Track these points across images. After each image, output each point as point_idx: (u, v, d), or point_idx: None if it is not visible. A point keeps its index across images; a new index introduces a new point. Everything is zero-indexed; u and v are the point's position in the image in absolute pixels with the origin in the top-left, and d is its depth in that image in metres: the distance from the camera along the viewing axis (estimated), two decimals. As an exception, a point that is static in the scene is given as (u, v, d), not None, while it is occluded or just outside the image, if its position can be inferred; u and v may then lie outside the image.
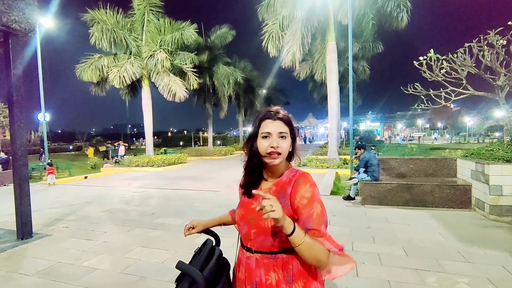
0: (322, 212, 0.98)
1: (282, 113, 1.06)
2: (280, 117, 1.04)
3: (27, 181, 4.33)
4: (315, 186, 1.02)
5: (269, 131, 1.03)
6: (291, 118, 1.10)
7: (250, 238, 1.08)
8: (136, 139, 64.31)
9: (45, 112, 12.97)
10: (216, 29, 20.06)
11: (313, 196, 0.99)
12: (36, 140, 40.13)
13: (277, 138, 1.03)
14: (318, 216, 0.96)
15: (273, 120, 1.04)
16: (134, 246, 3.77)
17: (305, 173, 1.07)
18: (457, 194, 5.18)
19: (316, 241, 0.92)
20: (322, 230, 0.95)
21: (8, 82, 4.12)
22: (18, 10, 3.94)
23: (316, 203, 0.98)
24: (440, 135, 54.57)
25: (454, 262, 3.08)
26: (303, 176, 1.04)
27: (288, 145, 1.05)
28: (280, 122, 1.04)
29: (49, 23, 12.90)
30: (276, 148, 1.01)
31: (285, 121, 1.05)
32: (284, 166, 1.09)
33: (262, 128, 1.04)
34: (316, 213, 0.96)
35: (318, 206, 0.97)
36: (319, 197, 1.00)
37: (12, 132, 4.22)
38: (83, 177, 11.14)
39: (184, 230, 1.35)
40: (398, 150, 14.32)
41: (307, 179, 1.03)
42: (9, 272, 3.13)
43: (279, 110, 1.07)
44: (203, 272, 1.00)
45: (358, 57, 17.85)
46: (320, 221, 0.96)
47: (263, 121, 1.05)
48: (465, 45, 5.66)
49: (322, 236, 0.94)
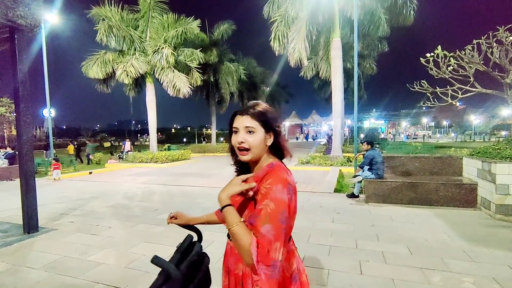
0: (274, 211, 0.88)
1: (254, 107, 1.03)
2: (248, 112, 1.01)
3: (33, 176, 4.38)
4: (278, 183, 0.92)
5: (237, 126, 1.02)
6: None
7: None
8: (140, 135, 64.67)
9: (50, 108, 13.07)
10: (219, 25, 19.99)
11: (268, 192, 0.90)
12: (41, 136, 40.56)
13: (244, 133, 1.00)
14: (266, 214, 0.87)
15: (241, 115, 1.02)
16: (138, 242, 3.80)
17: (277, 167, 0.99)
18: (462, 193, 5.13)
19: (247, 235, 0.86)
20: (261, 230, 0.86)
21: (14, 77, 4.14)
22: (23, 5, 3.94)
23: (268, 200, 0.89)
24: (445, 133, 54.05)
25: (459, 261, 3.05)
26: (272, 171, 0.97)
27: (257, 140, 0.99)
28: (248, 116, 1.00)
29: (54, 19, 12.94)
30: (241, 144, 0.99)
31: (255, 115, 1.00)
32: (264, 161, 1.05)
33: (234, 123, 1.04)
34: (265, 210, 0.88)
35: (271, 204, 0.88)
36: (278, 195, 0.90)
37: (18, 127, 4.25)
38: (87, 173, 11.23)
39: (167, 218, 1.38)
40: (403, 148, 14.22)
41: (274, 174, 0.95)
42: (16, 265, 3.17)
43: (252, 104, 1.05)
44: (180, 266, 0.99)
45: (364, 54, 17.66)
46: (265, 220, 0.87)
47: (234, 117, 1.05)
48: (474, 42, 5.57)
49: (257, 237, 0.86)
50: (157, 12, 14.65)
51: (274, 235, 0.86)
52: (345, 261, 3.12)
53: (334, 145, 12.55)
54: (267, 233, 0.86)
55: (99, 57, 14.29)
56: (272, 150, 1.07)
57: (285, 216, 0.90)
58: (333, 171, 9.70)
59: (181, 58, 15.03)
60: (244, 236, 0.87)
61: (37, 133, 40.46)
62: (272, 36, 12.05)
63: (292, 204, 0.96)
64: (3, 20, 3.82)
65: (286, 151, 1.10)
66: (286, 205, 0.91)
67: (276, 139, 1.05)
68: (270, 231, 0.86)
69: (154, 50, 13.91)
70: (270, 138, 1.04)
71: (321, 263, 3.09)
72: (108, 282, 2.76)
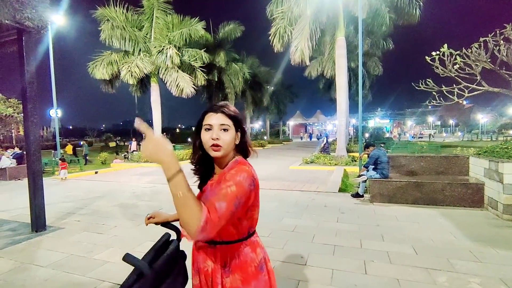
0: (233, 193, 0.91)
1: (226, 107, 1.06)
2: (222, 111, 1.05)
3: (40, 175, 4.44)
4: (243, 172, 0.98)
5: (211, 123, 1.04)
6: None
7: None
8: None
9: (57, 108, 13.23)
10: (224, 25, 20.00)
11: (232, 177, 0.96)
12: (48, 136, 41.08)
13: (218, 130, 1.03)
14: (226, 194, 0.91)
15: (215, 113, 1.05)
16: (143, 240, 3.83)
17: (242, 162, 1.06)
18: (469, 193, 5.07)
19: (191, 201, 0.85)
20: (215, 204, 0.88)
21: (21, 78, 4.21)
22: (31, 7, 4.00)
23: (231, 182, 0.94)
24: (451, 132, 53.41)
25: (466, 262, 3.02)
26: (237, 165, 1.04)
27: (230, 138, 1.04)
28: (222, 115, 1.04)
29: (60, 21, 13.09)
30: (216, 140, 1.02)
31: (228, 114, 1.05)
32: (230, 159, 1.10)
33: (205, 120, 1.06)
34: (225, 190, 0.92)
35: (233, 186, 0.93)
36: (241, 180, 0.95)
37: (26, 127, 4.32)
38: (93, 172, 11.35)
39: (145, 219, 1.40)
40: (408, 147, 14.09)
41: (239, 166, 1.02)
42: (25, 263, 3.23)
43: (224, 104, 1.08)
44: (154, 264, 1.00)
45: (369, 53, 17.53)
46: (222, 198, 0.89)
47: (206, 114, 1.07)
48: (480, 39, 5.49)
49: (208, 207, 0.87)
50: (161, 13, 14.73)
51: (223, 213, 0.88)
52: (350, 261, 3.12)
53: (339, 144, 12.51)
54: (219, 208, 0.88)
55: (105, 58, 14.43)
56: (237, 148, 1.12)
57: (240, 201, 0.94)
58: (338, 170, 9.66)
59: (185, 58, 15.10)
60: (196, 201, 0.86)
61: (44, 133, 41.01)
62: (272, 32, 12.01)
63: (251, 195, 1.00)
64: (11, 22, 3.89)
65: (250, 150, 1.16)
66: (245, 192, 0.96)
67: (243, 138, 1.11)
68: (223, 208, 0.88)
69: (159, 50, 14.00)
70: (238, 137, 1.09)
71: (326, 262, 3.09)
72: (114, 280, 2.79)
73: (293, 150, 22.38)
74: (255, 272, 1.06)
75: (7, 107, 12.97)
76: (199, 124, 1.08)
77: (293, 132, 53.48)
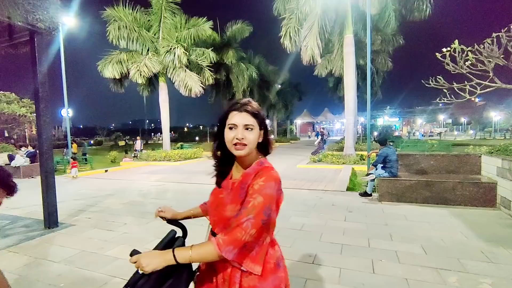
0: (261, 204, 0.96)
1: (250, 105, 1.06)
2: (246, 109, 1.04)
3: (52, 173, 4.55)
4: (270, 181, 1.00)
5: (235, 123, 1.03)
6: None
7: (214, 224, 1.14)
8: (153, 134, 65.82)
9: (68, 108, 13.51)
10: (231, 24, 20.00)
11: (260, 189, 0.98)
12: (60, 135, 41.96)
13: (243, 129, 1.03)
14: (254, 206, 0.95)
15: (239, 112, 1.04)
16: (153, 238, 3.89)
17: (269, 167, 1.06)
18: (481, 192, 4.97)
19: (202, 248, 0.95)
20: (242, 220, 0.94)
21: (34, 79, 4.31)
22: (42, 9, 4.09)
23: (257, 194, 0.97)
24: (463, 130, 52.24)
25: (477, 262, 2.97)
26: (264, 170, 1.04)
27: (255, 137, 1.05)
28: (247, 114, 1.04)
29: (71, 22, 13.33)
30: (241, 140, 1.02)
31: (252, 113, 1.04)
32: (253, 158, 1.10)
33: (229, 119, 1.05)
34: (253, 203, 0.96)
35: (260, 197, 0.96)
36: (267, 191, 0.98)
37: (38, 126, 4.43)
38: (103, 171, 11.56)
39: (155, 212, 1.42)
40: (418, 146, 13.85)
41: (266, 173, 1.03)
42: (38, 258, 3.32)
43: (247, 102, 1.07)
44: None
45: (379, 50, 17.26)
46: (251, 211, 0.95)
47: (230, 112, 1.06)
48: (493, 35, 5.34)
49: (236, 226, 0.94)
50: (169, 13, 14.85)
51: (252, 223, 0.94)
52: (358, 260, 3.10)
53: (347, 143, 12.40)
54: (247, 221, 0.94)
55: (114, 57, 14.65)
56: (258, 146, 1.11)
57: (270, 209, 0.99)
58: (346, 169, 9.59)
59: (192, 57, 15.20)
60: (206, 249, 0.95)
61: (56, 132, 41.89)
62: (282, 34, 11.94)
63: (280, 198, 1.07)
64: (23, 23, 3.99)
65: (271, 147, 1.16)
66: (274, 200, 1.01)
67: (265, 136, 1.11)
68: (251, 219, 0.94)
69: (167, 50, 14.12)
70: (261, 135, 1.09)
71: (333, 261, 3.08)
72: (124, 276, 2.84)
73: (300, 148, 22.29)
74: (273, 268, 1.08)
75: (20, 107, 13.31)
76: (222, 122, 1.08)
77: (301, 131, 53.21)
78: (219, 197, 1.14)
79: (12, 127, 15.05)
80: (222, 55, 18.81)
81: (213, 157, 1.19)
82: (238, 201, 1.03)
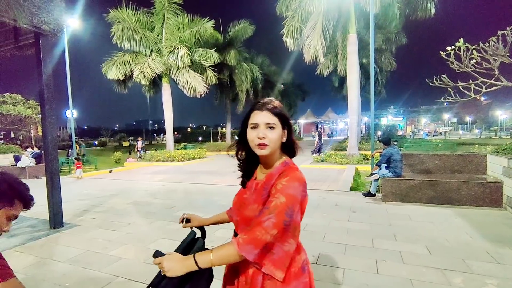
0: (283, 205, 0.94)
1: (271, 104, 1.05)
2: (268, 108, 1.03)
3: (57, 174, 4.60)
4: (293, 181, 0.99)
5: (256, 122, 1.03)
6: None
7: (237, 225, 1.14)
8: (157, 134, 66.11)
9: (72, 109, 13.63)
10: (234, 24, 20.03)
11: (283, 188, 0.97)
12: (65, 136, 42.35)
13: (264, 128, 1.02)
14: (276, 206, 0.94)
15: (260, 111, 1.04)
16: (156, 237, 3.91)
17: (293, 168, 1.05)
18: (486, 192, 4.91)
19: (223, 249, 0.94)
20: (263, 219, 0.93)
21: (39, 80, 4.36)
22: (47, 11, 4.14)
23: (280, 194, 0.96)
24: (468, 129, 51.71)
25: (483, 263, 2.94)
26: (288, 170, 1.03)
27: (277, 136, 1.03)
28: (268, 112, 1.03)
29: (75, 24, 13.46)
30: (263, 139, 1.01)
31: (274, 112, 1.04)
32: (276, 158, 1.09)
33: (251, 119, 1.05)
34: (275, 202, 0.95)
35: (282, 197, 0.95)
36: (290, 191, 0.96)
37: (43, 128, 4.48)
38: (108, 171, 11.65)
39: (179, 219, 1.38)
40: (422, 145, 13.76)
41: (290, 173, 1.01)
42: (44, 258, 3.36)
43: (269, 101, 1.06)
44: None
45: (382, 48, 17.17)
46: (273, 211, 0.93)
47: (252, 112, 1.06)
48: (498, 33, 5.28)
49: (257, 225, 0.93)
50: (172, 14, 14.92)
51: (273, 223, 0.92)
52: (361, 260, 3.08)
53: (350, 142, 12.35)
54: (268, 220, 0.92)
55: (117, 59, 14.76)
56: (283, 147, 1.10)
57: (292, 210, 0.95)
58: (349, 169, 9.55)
59: (195, 58, 15.26)
60: (226, 251, 0.94)
61: (61, 133, 42.27)
62: (285, 32, 11.92)
63: (305, 200, 1.02)
64: (28, 26, 4.03)
65: (297, 148, 1.14)
66: (297, 201, 0.97)
67: (289, 136, 1.09)
68: (272, 219, 0.92)
69: (170, 50, 14.19)
70: (284, 134, 1.08)
71: (337, 261, 3.06)
72: (128, 276, 2.86)
73: (303, 148, 22.21)
74: (297, 273, 1.05)
75: (26, 109, 13.46)
76: (245, 122, 1.08)
77: (304, 131, 53.09)
78: (242, 197, 1.13)
79: (18, 128, 15.22)
80: (225, 55, 18.84)
81: (236, 158, 1.20)
82: (260, 201, 1.03)
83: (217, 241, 3.66)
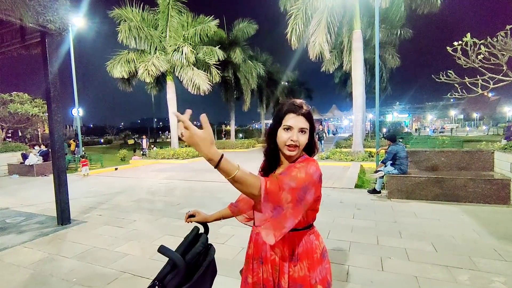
0: (302, 179, 0.97)
1: (305, 108, 1.10)
2: (303, 113, 1.08)
3: (64, 172, 4.66)
4: (311, 166, 1.03)
5: (291, 125, 1.07)
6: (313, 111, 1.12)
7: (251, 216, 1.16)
8: (162, 132, 66.45)
9: (78, 107, 13.76)
10: (238, 22, 19.98)
11: (302, 167, 1.01)
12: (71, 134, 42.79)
13: (298, 132, 1.07)
14: (295, 177, 0.97)
15: (296, 115, 1.08)
16: (161, 234, 3.95)
17: (311, 159, 1.11)
18: (494, 189, 4.85)
19: (250, 177, 0.91)
20: (285, 179, 0.95)
21: (45, 79, 4.41)
22: (52, 10, 4.17)
23: (298, 170, 1.00)
24: (475, 126, 50.98)
25: (489, 260, 2.91)
26: (307, 159, 1.09)
27: (306, 139, 1.09)
28: (303, 117, 1.08)
29: (80, 22, 13.54)
30: (295, 142, 1.06)
31: (307, 117, 1.09)
32: (298, 155, 1.13)
33: (285, 120, 1.08)
34: (296, 173, 0.98)
35: (302, 173, 0.99)
36: (309, 169, 1.01)
37: (50, 126, 4.53)
38: (113, 169, 11.76)
39: (185, 216, 1.43)
40: (428, 142, 13.61)
41: (308, 161, 1.07)
42: (52, 254, 3.42)
43: (302, 104, 1.10)
44: (186, 256, 1.05)
45: (385, 43, 16.96)
46: (292, 179, 0.96)
47: (287, 114, 1.09)
48: (507, 27, 5.18)
49: (279, 184, 0.94)
50: (176, 12, 14.93)
51: (291, 189, 0.94)
52: (366, 257, 3.07)
53: (355, 139, 12.26)
54: (290, 182, 0.95)
55: (122, 57, 14.84)
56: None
57: (308, 188, 0.98)
58: (354, 166, 9.49)
59: (200, 55, 15.26)
60: (251, 176, 0.91)
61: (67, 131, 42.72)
62: (289, 30, 11.84)
63: (319, 186, 1.06)
64: (34, 25, 4.07)
65: (316, 148, 1.20)
66: (313, 182, 1.01)
67: (312, 138, 1.14)
68: (292, 184, 0.95)
69: (174, 48, 14.22)
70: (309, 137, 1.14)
71: (342, 259, 3.06)
72: (134, 271, 2.90)
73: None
74: (319, 259, 1.12)
75: (33, 107, 13.60)
76: (278, 121, 1.10)
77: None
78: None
79: (25, 126, 15.40)
80: (229, 53, 18.81)
81: (265, 155, 1.21)
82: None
83: (222, 238, 3.68)
